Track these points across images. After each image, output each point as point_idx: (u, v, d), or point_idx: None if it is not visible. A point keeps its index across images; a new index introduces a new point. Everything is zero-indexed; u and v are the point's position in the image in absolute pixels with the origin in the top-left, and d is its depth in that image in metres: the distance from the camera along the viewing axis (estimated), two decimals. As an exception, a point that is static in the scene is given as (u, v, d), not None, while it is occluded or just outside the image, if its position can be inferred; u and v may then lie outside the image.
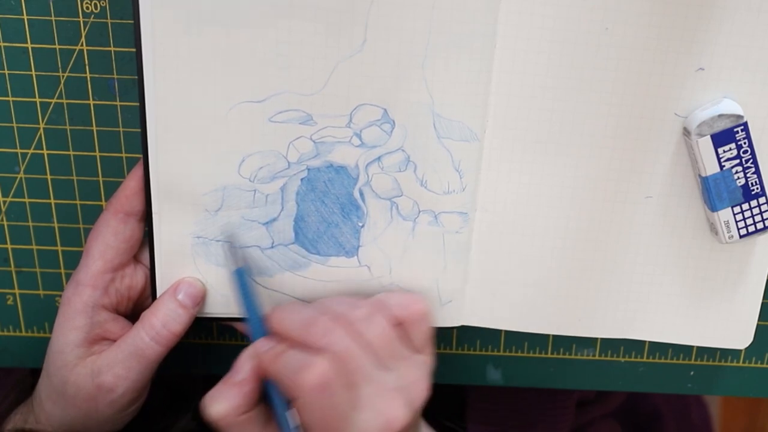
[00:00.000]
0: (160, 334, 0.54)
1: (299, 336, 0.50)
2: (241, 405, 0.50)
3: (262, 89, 0.51)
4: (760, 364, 0.63)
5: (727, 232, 0.53)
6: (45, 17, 0.54)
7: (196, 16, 0.49)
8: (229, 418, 0.50)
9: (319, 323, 0.50)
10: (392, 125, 0.52)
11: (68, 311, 0.54)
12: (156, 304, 0.55)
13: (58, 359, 0.54)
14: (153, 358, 0.54)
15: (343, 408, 0.49)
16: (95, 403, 0.54)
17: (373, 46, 0.50)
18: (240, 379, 0.51)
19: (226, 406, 0.50)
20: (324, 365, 0.48)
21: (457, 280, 0.56)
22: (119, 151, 0.58)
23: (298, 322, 0.51)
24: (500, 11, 0.50)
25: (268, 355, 0.50)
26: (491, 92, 0.52)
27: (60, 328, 0.54)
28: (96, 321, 0.54)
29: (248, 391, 0.51)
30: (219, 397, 0.50)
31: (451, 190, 0.54)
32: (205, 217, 0.54)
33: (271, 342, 0.51)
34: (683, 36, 0.50)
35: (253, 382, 0.51)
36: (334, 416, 0.48)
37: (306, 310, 0.52)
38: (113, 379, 0.54)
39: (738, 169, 0.52)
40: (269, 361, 0.50)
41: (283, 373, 0.49)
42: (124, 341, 0.54)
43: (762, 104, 0.52)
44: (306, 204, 0.54)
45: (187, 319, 0.55)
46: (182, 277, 0.55)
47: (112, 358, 0.54)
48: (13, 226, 0.60)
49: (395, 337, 0.51)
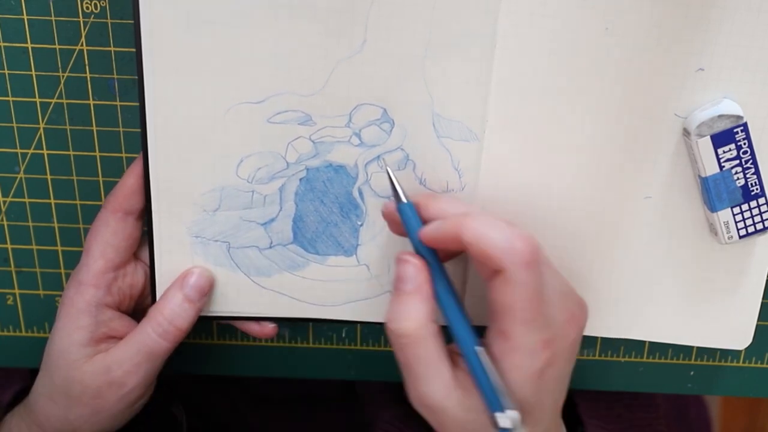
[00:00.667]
0: (167, 331, 0.54)
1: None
2: (431, 311, 0.48)
3: (261, 90, 0.51)
4: (760, 364, 0.63)
5: (726, 232, 0.53)
6: (45, 17, 0.54)
7: (196, 16, 0.49)
8: (422, 329, 0.47)
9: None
10: (392, 125, 0.52)
11: (71, 311, 0.54)
12: (162, 299, 0.55)
13: (61, 359, 0.54)
14: (161, 354, 0.54)
15: (543, 287, 0.46)
16: (102, 401, 0.54)
17: (372, 46, 0.50)
18: (412, 287, 0.48)
19: (419, 315, 0.47)
20: (534, 239, 0.46)
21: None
22: (119, 151, 0.58)
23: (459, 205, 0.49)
24: (500, 11, 0.50)
25: (469, 219, 0.46)
26: (491, 92, 0.52)
27: (63, 329, 0.54)
28: (100, 320, 0.54)
29: (429, 295, 0.48)
30: (404, 311, 0.48)
31: (450, 189, 0.54)
32: (204, 217, 0.54)
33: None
34: (683, 36, 0.50)
35: (428, 285, 0.48)
36: (541, 291, 0.46)
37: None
38: (123, 376, 0.54)
39: (738, 169, 0.52)
40: (473, 218, 0.46)
41: (487, 241, 0.45)
42: (133, 338, 0.54)
43: (762, 105, 0.52)
44: (305, 204, 0.54)
45: (194, 313, 0.55)
46: (190, 267, 0.55)
47: (121, 355, 0.54)
48: (13, 226, 0.60)
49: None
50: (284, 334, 0.63)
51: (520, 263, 0.45)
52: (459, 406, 0.47)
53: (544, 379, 0.47)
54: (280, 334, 0.60)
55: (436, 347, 0.47)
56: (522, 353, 0.46)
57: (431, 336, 0.47)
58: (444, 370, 0.47)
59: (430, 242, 0.48)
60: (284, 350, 0.64)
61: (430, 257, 0.49)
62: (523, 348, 0.46)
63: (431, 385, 0.47)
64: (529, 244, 0.45)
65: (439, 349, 0.48)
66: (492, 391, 0.46)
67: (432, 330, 0.47)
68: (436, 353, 0.47)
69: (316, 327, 0.63)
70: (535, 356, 0.46)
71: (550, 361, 0.47)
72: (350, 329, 0.63)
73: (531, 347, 0.46)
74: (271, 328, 0.59)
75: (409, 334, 0.47)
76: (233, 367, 0.64)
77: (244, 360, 0.64)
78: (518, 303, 0.45)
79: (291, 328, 0.63)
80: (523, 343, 0.46)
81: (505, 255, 0.45)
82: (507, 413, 0.46)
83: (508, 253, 0.45)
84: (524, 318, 0.46)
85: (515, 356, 0.46)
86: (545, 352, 0.46)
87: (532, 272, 0.45)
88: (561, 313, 0.48)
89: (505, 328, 0.46)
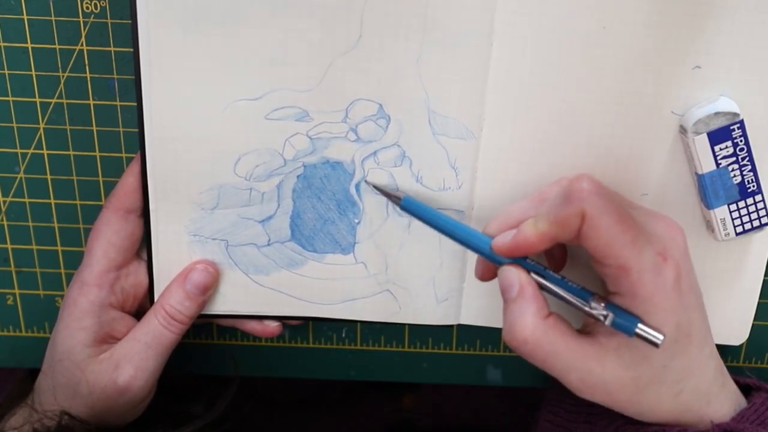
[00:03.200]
0: (171, 324, 0.54)
1: (531, 210, 0.48)
2: (540, 307, 0.47)
3: (258, 87, 0.51)
4: (760, 364, 0.63)
5: (723, 229, 0.53)
6: (45, 17, 0.54)
7: (192, 14, 0.50)
8: (539, 329, 0.46)
9: (543, 190, 0.49)
10: (388, 121, 0.52)
11: (75, 312, 0.54)
12: (165, 292, 0.55)
13: (66, 359, 0.54)
14: (168, 346, 0.55)
15: (626, 209, 0.45)
16: (110, 400, 0.54)
17: (368, 41, 0.50)
18: (516, 292, 0.47)
19: (528, 318, 0.46)
20: (585, 175, 0.46)
21: (454, 278, 0.56)
22: (119, 151, 0.58)
23: (522, 204, 0.49)
24: (497, 9, 0.50)
25: (528, 225, 0.46)
26: (488, 90, 0.52)
27: (66, 329, 0.54)
28: (104, 320, 0.54)
29: (534, 293, 0.47)
30: (516, 319, 0.47)
31: (447, 187, 0.54)
32: (202, 216, 0.54)
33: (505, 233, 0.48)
34: (680, 34, 0.50)
35: (531, 285, 0.47)
36: (624, 211, 0.45)
37: (519, 201, 0.50)
38: (133, 371, 0.54)
39: (734, 166, 0.52)
40: (532, 225, 0.46)
41: (553, 212, 0.46)
42: (140, 331, 0.55)
43: (758, 102, 0.52)
44: (302, 201, 0.54)
45: (196, 309, 0.55)
46: (193, 262, 0.56)
47: (129, 350, 0.54)
48: (13, 226, 0.60)
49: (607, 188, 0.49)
50: (284, 334, 0.63)
51: (589, 197, 0.44)
52: (618, 367, 0.47)
53: (683, 293, 0.46)
54: (280, 334, 0.60)
55: (562, 337, 0.47)
56: (648, 273, 0.45)
57: (551, 330, 0.46)
58: (580, 349, 0.47)
59: (508, 251, 0.48)
60: (284, 350, 0.64)
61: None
62: (646, 267, 0.45)
63: (578, 372, 0.47)
64: (584, 180, 0.45)
65: (566, 337, 0.47)
66: (626, 316, 0.45)
67: (549, 325, 0.46)
68: (564, 343, 0.46)
69: (316, 327, 0.63)
70: (661, 270, 0.45)
71: (677, 270, 0.46)
72: (350, 329, 0.63)
73: (652, 263, 0.45)
74: (275, 326, 0.59)
75: (525, 340, 0.46)
76: (233, 367, 0.64)
77: (244, 360, 0.64)
78: (612, 229, 0.44)
79: (291, 328, 0.63)
80: (642, 263, 0.45)
81: (570, 207, 0.45)
82: (646, 329, 0.45)
83: (572, 202, 0.45)
84: (626, 241, 0.44)
85: (645, 280, 0.45)
86: (667, 262, 0.45)
87: (602, 197, 0.44)
88: (657, 224, 0.47)
89: (618, 263, 0.45)
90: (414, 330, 0.63)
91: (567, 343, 0.46)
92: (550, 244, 0.46)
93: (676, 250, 0.46)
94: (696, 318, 0.47)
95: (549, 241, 0.46)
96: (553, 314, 0.47)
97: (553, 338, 0.46)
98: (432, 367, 0.64)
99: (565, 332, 0.47)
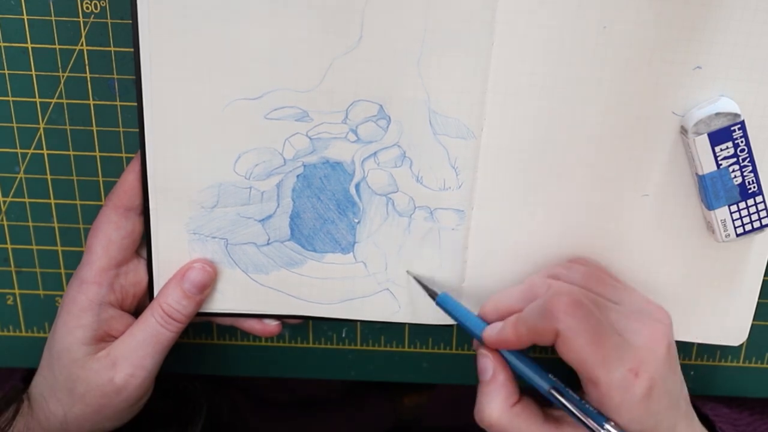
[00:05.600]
0: (168, 323, 0.54)
1: (520, 301, 0.50)
2: (508, 394, 0.50)
3: (258, 86, 0.51)
4: (760, 364, 0.63)
5: (723, 230, 0.53)
6: (45, 17, 0.54)
7: (193, 14, 0.50)
8: (504, 416, 0.49)
9: (534, 283, 0.50)
10: (388, 121, 0.52)
11: (73, 309, 0.54)
12: (163, 291, 0.55)
13: (64, 357, 0.54)
14: (165, 344, 0.55)
15: (603, 324, 0.47)
16: (106, 398, 0.54)
17: (368, 42, 0.50)
18: (489, 376, 0.50)
19: (495, 404, 0.49)
20: (568, 287, 0.48)
21: (454, 278, 0.56)
22: (119, 151, 0.58)
23: (513, 293, 0.51)
24: (497, 8, 0.50)
25: (509, 324, 0.49)
26: (488, 90, 0.52)
27: (65, 327, 0.54)
28: (103, 318, 0.54)
29: (504, 380, 0.50)
30: (484, 403, 0.50)
31: (447, 186, 0.54)
32: (201, 214, 0.54)
33: (497, 324, 0.51)
34: (680, 34, 0.50)
35: (503, 372, 0.50)
36: (599, 329, 0.47)
37: (512, 288, 0.52)
38: (130, 370, 0.54)
39: (735, 167, 0.51)
40: (513, 327, 0.49)
41: (531, 321, 0.48)
42: (138, 329, 0.55)
43: (759, 102, 0.52)
44: (302, 200, 0.54)
45: (194, 308, 0.55)
46: (190, 261, 0.56)
47: (126, 349, 0.54)
48: (13, 226, 0.60)
49: (598, 274, 0.52)
50: (284, 334, 0.63)
51: (564, 318, 0.46)
52: None
53: (652, 402, 0.47)
54: (280, 334, 0.60)
55: (526, 423, 0.49)
56: (617, 389, 0.47)
57: (516, 418, 0.49)
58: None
59: (493, 345, 0.51)
60: (284, 350, 0.64)
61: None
62: (615, 384, 0.47)
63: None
64: (564, 294, 0.47)
65: (531, 425, 0.49)
66: (590, 413, 0.47)
67: (515, 412, 0.49)
68: (530, 428, 0.49)
69: (316, 326, 0.63)
70: (630, 386, 0.47)
71: (650, 383, 0.47)
72: (350, 329, 0.63)
73: (621, 380, 0.47)
74: (274, 326, 0.59)
75: (491, 425, 0.49)
76: (233, 367, 0.64)
77: (244, 360, 0.64)
78: (583, 350, 0.46)
79: (291, 327, 0.63)
80: (612, 381, 0.47)
81: (546, 322, 0.47)
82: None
83: (547, 318, 0.47)
84: (596, 361, 0.46)
85: (613, 394, 0.47)
86: (639, 378, 0.47)
87: (577, 317, 0.46)
88: (639, 334, 0.48)
89: (589, 377, 0.47)
90: (414, 330, 0.63)
91: (532, 431, 0.49)
92: (529, 344, 0.49)
93: (652, 363, 0.48)
94: (666, 422, 0.49)
95: (528, 343, 0.49)
96: (522, 400, 0.50)
97: (518, 425, 0.49)
98: (432, 367, 0.64)
99: (530, 419, 0.49)
